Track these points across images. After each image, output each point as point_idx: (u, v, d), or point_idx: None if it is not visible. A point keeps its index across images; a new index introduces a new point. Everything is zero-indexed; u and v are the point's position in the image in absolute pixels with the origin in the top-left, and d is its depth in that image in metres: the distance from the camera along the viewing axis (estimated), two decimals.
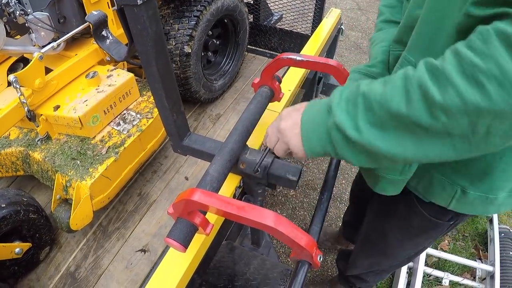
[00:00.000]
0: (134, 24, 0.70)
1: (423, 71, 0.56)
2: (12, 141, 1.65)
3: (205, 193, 0.65)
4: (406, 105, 0.57)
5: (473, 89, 0.50)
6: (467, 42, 0.52)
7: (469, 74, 0.50)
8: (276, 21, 2.96)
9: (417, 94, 0.56)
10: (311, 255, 0.62)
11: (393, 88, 0.59)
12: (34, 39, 1.58)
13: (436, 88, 0.53)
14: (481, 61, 0.49)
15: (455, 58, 0.53)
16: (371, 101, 0.62)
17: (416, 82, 0.56)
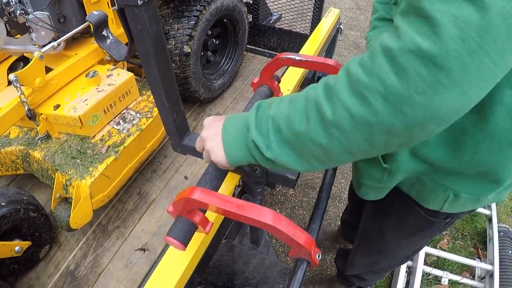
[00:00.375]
0: (135, 24, 0.70)
1: (320, 90, 0.58)
2: (12, 140, 1.66)
3: (205, 192, 0.65)
4: (305, 125, 0.59)
5: (360, 105, 0.52)
6: (360, 59, 0.54)
7: (355, 90, 0.52)
8: (275, 20, 2.96)
9: (314, 113, 0.58)
10: (310, 253, 0.62)
11: (295, 108, 0.62)
12: (34, 39, 1.59)
13: (329, 106, 0.56)
14: (366, 77, 0.51)
15: (345, 76, 0.55)
16: (279, 122, 0.64)
17: (313, 102, 0.59)
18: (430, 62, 0.45)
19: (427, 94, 0.47)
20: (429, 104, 0.47)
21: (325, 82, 0.59)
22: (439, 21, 0.44)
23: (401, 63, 0.47)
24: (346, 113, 0.53)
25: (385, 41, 0.50)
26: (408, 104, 0.48)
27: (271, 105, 0.68)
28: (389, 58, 0.48)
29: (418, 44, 0.45)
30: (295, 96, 0.64)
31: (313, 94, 0.60)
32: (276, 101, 0.68)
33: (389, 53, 0.48)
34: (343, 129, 0.55)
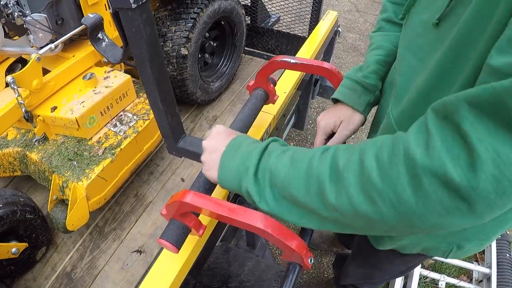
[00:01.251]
0: (129, 27, 0.70)
1: (326, 167, 0.55)
2: (10, 141, 1.66)
3: (198, 195, 0.65)
4: (304, 195, 0.57)
5: (367, 205, 0.50)
6: (378, 151, 0.50)
7: (365, 190, 0.50)
8: (274, 23, 2.96)
9: (315, 189, 0.56)
10: (302, 258, 0.63)
11: (296, 173, 0.59)
12: (32, 40, 1.59)
13: (333, 191, 0.53)
14: (380, 181, 0.48)
15: (358, 168, 0.51)
16: (276, 179, 0.61)
17: (316, 177, 0.56)
18: (455, 192, 0.42)
19: (442, 216, 0.45)
20: (440, 222, 0.46)
21: (333, 160, 0.55)
22: (480, 156, 0.40)
23: (423, 184, 0.44)
24: (350, 205, 0.51)
25: (411, 148, 0.45)
26: (418, 219, 0.46)
27: (271, 154, 0.64)
28: (411, 172, 0.45)
29: (448, 173, 0.42)
30: (298, 156, 0.61)
31: (317, 168, 0.56)
32: (278, 152, 0.64)
33: (413, 167, 0.45)
34: (344, 214, 0.53)
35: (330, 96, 2.76)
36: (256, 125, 1.09)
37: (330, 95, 2.58)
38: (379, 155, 0.49)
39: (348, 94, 1.00)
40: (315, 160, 0.58)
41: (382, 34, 1.05)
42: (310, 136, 3.17)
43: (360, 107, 0.98)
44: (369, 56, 1.04)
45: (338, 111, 1.01)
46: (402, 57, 0.78)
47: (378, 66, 0.99)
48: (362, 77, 1.00)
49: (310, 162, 0.58)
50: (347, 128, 0.99)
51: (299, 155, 0.61)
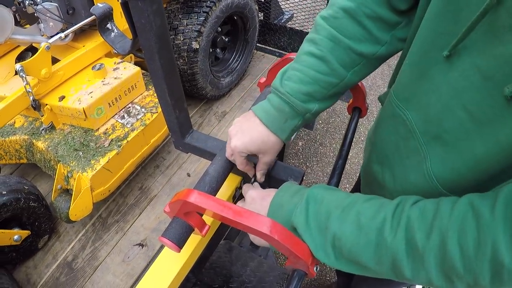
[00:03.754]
0: (138, 19, 0.68)
1: (402, 242, 0.53)
2: (17, 129, 1.66)
3: (202, 195, 0.63)
4: (375, 264, 0.56)
5: (444, 282, 0.50)
6: (461, 237, 0.47)
7: (446, 272, 0.49)
8: (287, 20, 2.93)
9: (388, 262, 0.54)
10: (308, 265, 0.61)
11: (366, 243, 0.56)
12: (42, 29, 1.58)
13: (410, 267, 0.52)
14: (462, 269, 0.47)
15: (440, 251, 0.49)
16: (342, 245, 0.59)
17: (390, 251, 0.54)
18: None
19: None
20: None
21: (408, 235, 0.52)
22: None
23: (503, 280, 0.45)
24: (426, 281, 0.52)
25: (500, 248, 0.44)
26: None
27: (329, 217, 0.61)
28: (495, 270, 0.45)
29: None
30: (364, 220, 0.57)
31: (391, 242, 0.53)
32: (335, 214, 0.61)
33: (499, 267, 0.44)
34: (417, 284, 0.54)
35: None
36: None
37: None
38: (464, 244, 0.47)
39: (273, 116, 0.78)
40: (386, 230, 0.54)
41: (334, 36, 0.75)
42: (319, 136, 3.14)
43: (283, 134, 0.79)
44: (306, 65, 0.77)
45: (257, 136, 0.79)
46: (447, 107, 0.58)
47: (315, 87, 0.77)
48: (293, 94, 0.77)
49: (380, 232, 0.55)
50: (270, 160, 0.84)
51: (365, 219, 0.58)
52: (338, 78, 0.78)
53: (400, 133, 0.71)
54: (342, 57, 0.76)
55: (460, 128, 0.56)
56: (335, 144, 3.07)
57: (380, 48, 0.77)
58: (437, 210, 0.51)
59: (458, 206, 0.50)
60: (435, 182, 0.62)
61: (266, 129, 0.78)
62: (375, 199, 0.61)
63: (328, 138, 3.12)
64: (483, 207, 0.47)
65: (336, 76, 0.78)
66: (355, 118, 1.12)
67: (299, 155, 2.98)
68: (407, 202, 0.57)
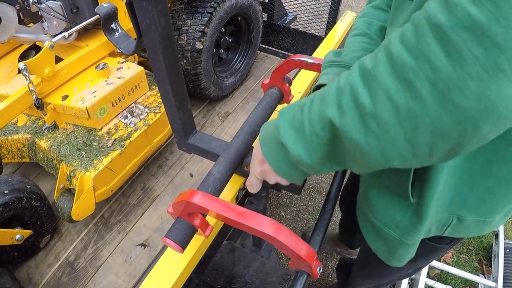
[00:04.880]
0: (143, 19, 0.68)
1: (356, 76, 0.51)
2: (20, 128, 1.66)
3: (206, 196, 0.63)
4: (339, 114, 0.53)
5: (405, 91, 0.45)
6: (401, 36, 0.46)
7: (399, 74, 0.45)
8: (290, 21, 2.93)
9: (349, 102, 0.51)
10: (311, 267, 0.60)
11: (327, 102, 0.55)
12: (46, 28, 1.58)
13: (368, 93, 0.49)
14: (412, 59, 0.44)
15: (386, 58, 0.47)
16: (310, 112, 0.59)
17: (349, 90, 0.52)
18: (488, 40, 0.38)
19: (482, 80, 0.40)
20: (484, 92, 0.40)
21: (360, 66, 0.52)
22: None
23: (454, 43, 0.40)
24: (388, 101, 0.47)
25: (433, 14, 0.42)
26: (460, 91, 0.41)
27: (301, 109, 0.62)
28: (439, 36, 0.41)
29: (473, 17, 0.39)
30: (324, 90, 0.58)
31: (345, 81, 0.53)
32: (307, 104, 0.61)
33: (439, 30, 0.41)
34: (384, 122, 0.48)
35: None
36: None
37: None
38: (404, 38, 0.46)
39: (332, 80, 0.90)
40: (341, 80, 0.54)
41: (367, 20, 0.99)
42: None
43: None
44: (354, 42, 0.97)
45: None
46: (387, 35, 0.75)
47: (365, 52, 0.92)
48: (349, 60, 0.92)
49: (338, 85, 0.55)
50: None
51: (325, 90, 0.58)
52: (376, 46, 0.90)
53: None
54: (377, 31, 0.96)
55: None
56: None
57: None
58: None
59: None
60: None
61: None
62: None
63: None
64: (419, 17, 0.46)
65: (377, 45, 0.87)
66: None
67: None
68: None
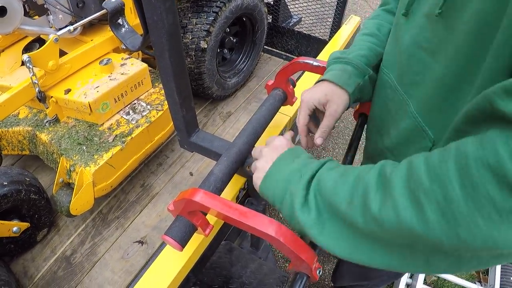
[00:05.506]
0: (150, 15, 0.68)
1: (374, 175, 0.52)
2: (21, 120, 1.65)
3: (208, 195, 0.63)
4: (347, 204, 0.54)
5: (412, 210, 0.44)
6: (428, 155, 0.47)
7: (412, 191, 0.45)
8: (295, 23, 2.93)
9: (359, 196, 0.52)
10: (311, 268, 0.60)
11: (343, 182, 0.56)
12: (51, 21, 1.58)
13: (377, 197, 0.49)
14: (428, 180, 0.43)
15: (406, 170, 0.48)
16: (322, 188, 0.59)
17: (362, 186, 0.52)
18: (506, 184, 0.37)
19: (494, 222, 0.38)
20: (492, 233, 0.39)
21: (382, 167, 0.53)
22: None
23: (472, 176, 0.39)
24: (393, 213, 0.46)
25: (464, 143, 0.42)
26: (467, 226, 0.40)
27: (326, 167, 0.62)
28: (460, 165, 0.41)
29: (500, 159, 0.37)
30: (349, 169, 0.59)
31: (365, 177, 0.54)
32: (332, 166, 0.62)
33: (463, 159, 0.41)
34: (384, 228, 0.48)
35: None
36: (271, 125, 1.06)
37: None
38: (429, 157, 0.46)
39: (337, 75, 0.90)
40: (364, 171, 0.55)
41: (378, 22, 0.98)
42: None
43: (350, 88, 0.87)
44: (361, 41, 0.96)
45: (325, 88, 0.89)
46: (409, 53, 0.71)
47: (370, 52, 0.93)
48: (353, 57, 0.92)
49: (359, 173, 0.56)
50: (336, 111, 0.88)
51: (350, 169, 0.59)
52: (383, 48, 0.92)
53: (388, 95, 0.82)
54: (386, 34, 0.95)
55: (422, 64, 0.67)
56: (338, 149, 3.06)
57: None
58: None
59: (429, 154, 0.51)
60: (419, 120, 0.70)
61: (333, 84, 0.89)
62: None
63: (331, 143, 3.11)
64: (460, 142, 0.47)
65: (383, 47, 0.93)
66: (361, 124, 1.11)
67: None
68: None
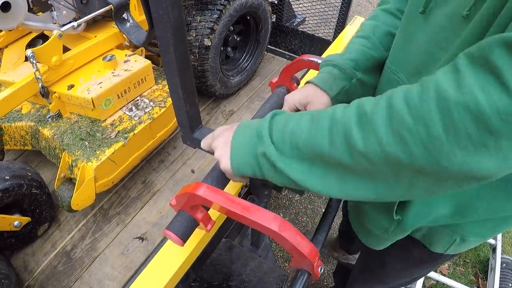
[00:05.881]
0: (156, 9, 0.68)
1: (352, 114, 0.55)
2: (24, 115, 1.66)
3: (211, 189, 0.63)
4: (329, 146, 0.56)
5: (397, 145, 0.49)
6: (407, 93, 0.50)
7: (396, 129, 0.49)
8: (299, 23, 2.93)
9: (341, 137, 0.55)
10: (313, 265, 0.60)
11: (318, 128, 0.58)
12: (55, 17, 1.58)
13: (361, 135, 0.52)
14: (411, 119, 0.47)
15: (386, 109, 0.51)
16: (298, 140, 0.60)
17: (342, 126, 0.55)
18: (484, 125, 0.42)
19: (469, 152, 0.45)
20: (467, 161, 0.45)
21: (359, 107, 0.55)
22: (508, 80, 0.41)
23: (454, 119, 0.44)
24: (379, 148, 0.50)
25: (442, 85, 0.46)
26: (447, 156, 0.46)
27: (290, 118, 0.64)
28: (441, 108, 0.45)
29: (479, 104, 0.42)
30: (317, 114, 0.60)
31: (341, 116, 0.56)
32: (295, 116, 0.64)
33: (444, 102, 0.45)
34: (372, 161, 0.52)
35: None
36: None
37: None
38: (408, 97, 0.49)
39: (323, 78, 0.92)
40: (337, 113, 0.57)
41: (374, 24, 0.97)
42: None
43: (332, 91, 0.89)
44: (355, 44, 0.96)
45: (307, 90, 0.92)
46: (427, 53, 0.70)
47: (361, 56, 0.93)
48: (342, 61, 0.93)
49: (332, 115, 0.58)
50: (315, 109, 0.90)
51: (318, 114, 0.60)
52: (378, 53, 0.93)
53: None
54: (382, 36, 0.93)
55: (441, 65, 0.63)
56: None
57: None
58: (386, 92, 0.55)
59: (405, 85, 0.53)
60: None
61: (316, 87, 0.90)
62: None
63: None
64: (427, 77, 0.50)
65: (377, 51, 0.93)
66: None
67: None
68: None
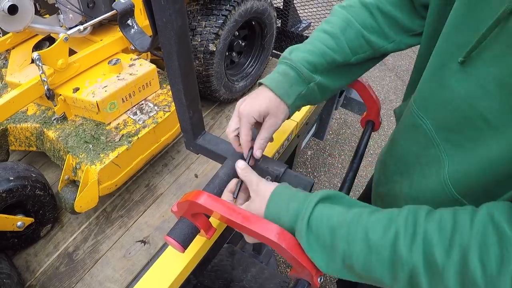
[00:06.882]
0: (160, 17, 0.69)
1: (419, 258, 0.52)
2: (29, 116, 1.67)
3: (211, 197, 0.63)
4: (391, 280, 0.55)
5: None
6: (484, 253, 0.47)
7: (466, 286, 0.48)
8: (304, 28, 2.93)
9: (405, 278, 0.53)
10: (312, 276, 0.60)
11: (380, 260, 0.55)
12: (61, 20, 1.60)
13: (428, 283, 0.51)
14: (484, 286, 0.46)
15: (460, 268, 0.49)
16: (353, 263, 0.58)
17: (408, 268, 0.53)
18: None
19: None
20: None
21: (428, 251, 0.52)
22: None
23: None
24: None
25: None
26: None
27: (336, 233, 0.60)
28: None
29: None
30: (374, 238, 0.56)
31: (407, 255, 0.53)
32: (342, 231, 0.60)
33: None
34: None
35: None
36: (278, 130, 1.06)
37: (354, 108, 2.55)
38: (486, 261, 0.46)
39: (278, 82, 0.83)
40: (400, 246, 0.54)
41: (347, 19, 0.85)
42: (328, 146, 3.13)
43: (289, 99, 0.82)
44: (317, 40, 0.86)
45: (264, 100, 0.82)
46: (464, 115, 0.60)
47: (321, 59, 0.83)
48: (300, 62, 0.83)
49: (394, 248, 0.54)
50: (276, 123, 0.83)
51: (374, 236, 0.57)
52: (343, 57, 0.84)
53: (420, 142, 0.72)
54: (351, 38, 0.83)
55: (478, 134, 0.58)
56: (344, 156, 3.05)
57: (387, 44, 0.84)
58: (455, 223, 0.51)
59: (478, 219, 0.49)
60: (449, 187, 0.63)
61: (272, 93, 0.82)
62: (380, 211, 0.60)
63: (338, 149, 3.11)
64: (503, 222, 0.46)
65: (342, 55, 0.83)
66: (368, 131, 1.11)
67: (307, 164, 2.97)
68: (419, 213, 0.55)
